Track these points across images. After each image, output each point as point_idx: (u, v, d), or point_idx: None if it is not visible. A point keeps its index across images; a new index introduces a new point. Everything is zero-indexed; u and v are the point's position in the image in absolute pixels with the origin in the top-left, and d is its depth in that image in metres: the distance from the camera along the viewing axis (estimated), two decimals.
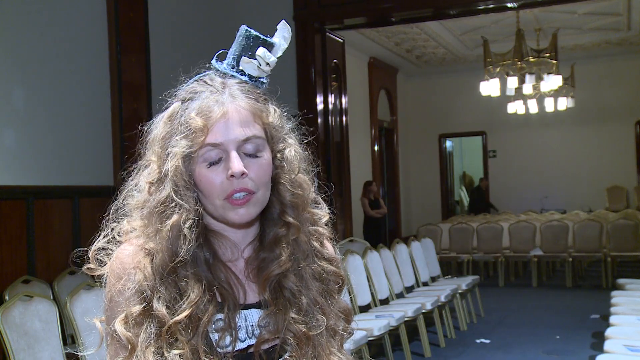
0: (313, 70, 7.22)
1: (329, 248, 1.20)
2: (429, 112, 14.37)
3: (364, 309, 5.45)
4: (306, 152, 1.18)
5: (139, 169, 1.13)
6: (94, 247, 1.12)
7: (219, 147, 1.05)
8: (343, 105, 7.79)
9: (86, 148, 5.47)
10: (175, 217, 1.04)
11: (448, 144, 15.30)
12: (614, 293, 5.36)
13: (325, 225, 1.20)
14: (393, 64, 13.24)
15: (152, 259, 1.06)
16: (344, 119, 7.81)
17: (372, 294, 5.58)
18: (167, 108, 1.12)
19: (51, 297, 4.10)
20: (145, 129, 1.14)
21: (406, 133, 14.15)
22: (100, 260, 1.11)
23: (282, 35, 1.14)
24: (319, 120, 7.24)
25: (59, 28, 5.32)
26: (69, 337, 4.17)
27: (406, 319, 5.28)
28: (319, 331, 1.09)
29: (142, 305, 1.03)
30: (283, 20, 1.15)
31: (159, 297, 1.03)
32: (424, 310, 5.61)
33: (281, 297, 1.09)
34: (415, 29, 10.98)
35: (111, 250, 1.12)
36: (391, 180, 13.18)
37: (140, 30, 6.03)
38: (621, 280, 5.93)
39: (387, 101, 13.26)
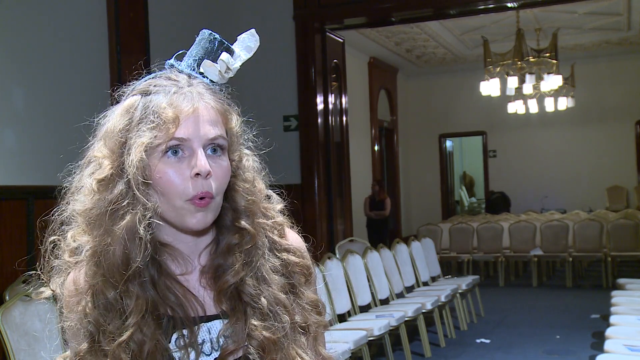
0: (313, 70, 7.22)
1: (290, 237, 1.14)
2: (429, 112, 14.37)
3: (364, 308, 5.45)
4: (260, 164, 1.14)
5: (81, 168, 1.06)
6: (45, 270, 1.07)
7: (185, 143, 1.00)
8: (343, 105, 7.79)
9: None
10: (129, 217, 0.98)
11: (448, 144, 15.31)
12: (614, 293, 5.36)
13: (281, 213, 1.14)
14: (393, 64, 13.24)
15: (93, 291, 1.00)
16: (344, 119, 7.81)
17: (372, 293, 5.58)
18: (118, 102, 1.06)
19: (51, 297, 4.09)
20: (95, 121, 1.07)
21: (406, 133, 14.15)
22: (49, 281, 1.07)
23: (246, 45, 1.11)
24: (319, 120, 7.24)
25: (59, 28, 5.32)
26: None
27: (406, 318, 5.28)
28: (283, 332, 1.04)
29: (88, 343, 0.99)
30: (252, 30, 1.12)
31: (104, 330, 0.99)
32: (424, 310, 5.61)
33: (240, 304, 1.04)
34: (415, 29, 10.98)
35: (59, 267, 1.06)
36: (391, 180, 13.18)
37: (140, 31, 6.03)
38: (621, 280, 5.93)
39: (387, 101, 13.26)
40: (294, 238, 1.15)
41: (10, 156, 4.84)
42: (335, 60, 7.65)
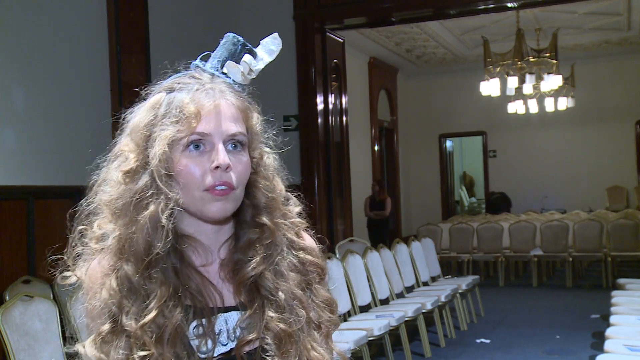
0: (313, 70, 7.22)
1: (306, 238, 1.18)
2: (429, 112, 14.37)
3: (364, 308, 5.45)
4: (279, 163, 1.18)
5: (108, 162, 1.10)
6: (72, 256, 1.10)
7: (206, 138, 1.04)
8: (343, 105, 7.79)
9: (86, 148, 5.47)
10: (152, 207, 1.02)
11: (448, 144, 15.31)
12: (614, 293, 5.36)
13: (299, 215, 1.18)
14: (393, 64, 13.24)
15: (117, 274, 1.03)
16: (344, 119, 7.82)
17: (372, 294, 5.58)
18: (144, 100, 1.11)
19: (51, 297, 4.10)
20: (122, 117, 1.12)
21: (406, 133, 14.15)
22: (75, 267, 1.09)
23: (269, 49, 1.15)
24: (319, 120, 7.24)
25: (59, 28, 5.32)
26: (69, 337, 4.16)
27: (406, 318, 5.28)
28: (299, 326, 1.07)
29: (111, 323, 1.02)
30: (275, 33, 1.16)
31: (127, 311, 1.01)
32: (424, 310, 5.61)
33: (258, 297, 1.07)
34: (415, 29, 10.98)
35: (85, 255, 1.09)
36: (391, 180, 13.18)
37: (140, 31, 6.03)
38: (621, 280, 5.93)
39: (387, 101, 13.26)
40: (308, 239, 1.19)
41: (10, 156, 4.84)
42: (335, 60, 7.66)
